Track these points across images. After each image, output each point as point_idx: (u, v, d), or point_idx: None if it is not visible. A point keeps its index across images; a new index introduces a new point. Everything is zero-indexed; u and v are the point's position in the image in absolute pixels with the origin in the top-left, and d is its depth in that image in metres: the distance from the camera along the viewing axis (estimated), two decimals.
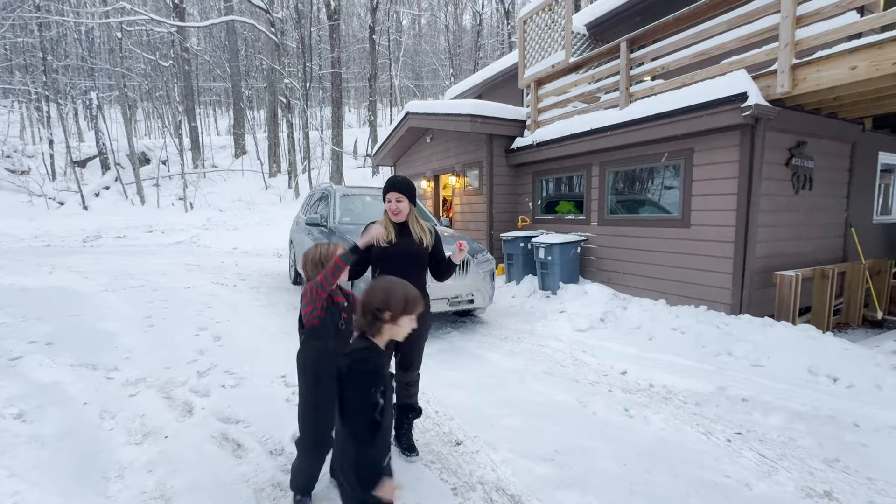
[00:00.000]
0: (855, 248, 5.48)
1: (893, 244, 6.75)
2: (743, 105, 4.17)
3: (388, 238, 2.43)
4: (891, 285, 5.61)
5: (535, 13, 7.10)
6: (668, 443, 2.62)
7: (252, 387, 3.34)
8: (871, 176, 6.04)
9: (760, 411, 2.96)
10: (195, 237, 13.37)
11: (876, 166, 6.09)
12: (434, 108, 7.96)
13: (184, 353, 4.01)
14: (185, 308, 5.64)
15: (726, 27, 4.53)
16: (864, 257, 5.37)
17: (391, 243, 2.43)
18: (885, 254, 6.40)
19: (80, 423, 2.77)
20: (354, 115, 37.49)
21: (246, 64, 30.16)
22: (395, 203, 2.44)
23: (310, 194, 7.62)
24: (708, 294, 4.79)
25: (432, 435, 2.72)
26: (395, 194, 2.44)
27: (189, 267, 8.94)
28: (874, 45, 3.54)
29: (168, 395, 3.19)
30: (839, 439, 2.63)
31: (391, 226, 2.48)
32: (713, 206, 4.74)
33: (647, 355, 4.05)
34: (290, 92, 19.60)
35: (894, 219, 6.79)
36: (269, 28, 18.93)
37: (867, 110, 4.94)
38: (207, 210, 17.33)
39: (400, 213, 2.46)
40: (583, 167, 6.43)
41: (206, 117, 32.78)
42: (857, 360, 3.47)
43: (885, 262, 5.56)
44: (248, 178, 20.82)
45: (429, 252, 2.54)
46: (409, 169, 10.74)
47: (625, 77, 5.53)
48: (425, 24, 36.65)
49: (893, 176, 6.80)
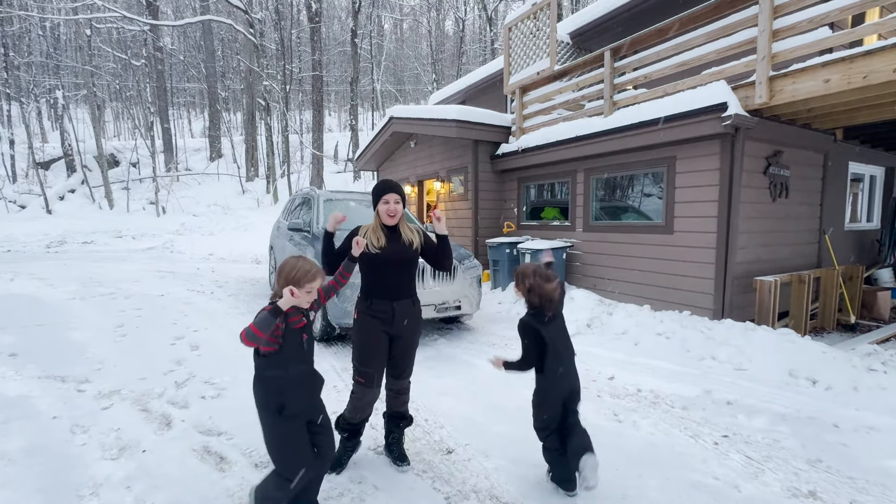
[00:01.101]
0: (829, 255, 5.73)
1: (863, 251, 7.10)
2: (723, 115, 4.33)
3: (378, 244, 2.37)
4: (862, 290, 5.88)
5: (520, 21, 7.24)
6: (658, 447, 2.68)
7: (234, 397, 3.26)
8: (843, 185, 6.35)
9: (745, 414, 3.06)
10: (168, 243, 13.02)
11: (847, 175, 6.41)
12: (419, 112, 8.00)
13: (160, 364, 3.90)
14: (160, 316, 5.48)
15: (706, 39, 4.71)
16: (837, 263, 5.62)
17: (382, 249, 2.37)
18: (855, 260, 6.72)
19: (49, 438, 2.65)
20: (335, 118, 37.29)
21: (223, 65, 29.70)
22: (394, 205, 2.40)
23: (291, 199, 7.53)
24: (691, 299, 4.93)
25: (423, 444, 2.71)
26: (394, 195, 2.40)
27: (162, 274, 8.70)
28: (846, 60, 3.75)
29: (144, 407, 3.08)
30: (821, 440, 2.74)
31: (381, 230, 2.42)
32: (695, 212, 4.89)
33: (634, 360, 4.13)
34: (268, 94, 19.36)
35: (864, 226, 7.15)
36: (247, 28, 18.71)
37: (839, 121, 5.20)
38: (181, 215, 16.90)
39: (396, 215, 2.42)
40: (568, 174, 6.55)
41: (179, 119, 32.07)
42: (835, 362, 3.62)
43: (856, 268, 5.83)
44: (225, 182, 20.41)
45: (419, 252, 2.50)
46: (392, 174, 10.73)
47: (609, 85, 5.68)
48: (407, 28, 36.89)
49: (861, 185, 7.17)
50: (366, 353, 2.34)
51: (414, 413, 3.07)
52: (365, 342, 2.35)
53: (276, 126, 22.49)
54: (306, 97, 30.12)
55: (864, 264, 6.39)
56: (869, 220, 7.34)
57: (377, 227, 2.43)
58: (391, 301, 2.37)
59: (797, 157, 5.31)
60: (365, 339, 2.35)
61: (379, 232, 2.41)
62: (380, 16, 29.86)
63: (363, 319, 2.37)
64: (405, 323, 2.40)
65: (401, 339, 2.42)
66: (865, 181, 7.17)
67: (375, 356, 2.35)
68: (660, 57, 5.14)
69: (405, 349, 2.47)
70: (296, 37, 25.15)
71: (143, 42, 21.02)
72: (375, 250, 2.36)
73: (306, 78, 27.54)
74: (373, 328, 2.35)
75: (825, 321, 5.39)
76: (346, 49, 28.35)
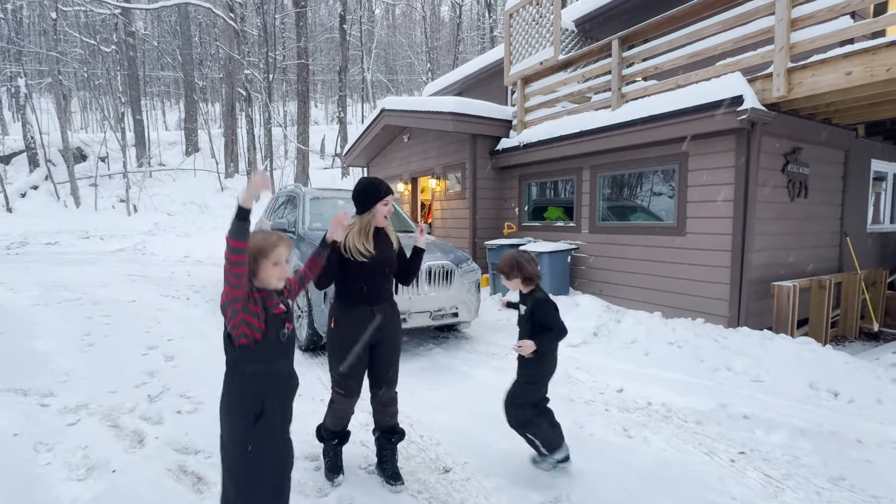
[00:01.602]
0: (850, 258, 5.79)
1: (887, 254, 7.17)
2: (739, 109, 4.37)
3: (367, 251, 2.35)
4: (886, 296, 5.94)
5: (521, 7, 7.28)
6: (670, 464, 2.69)
7: (212, 412, 3.20)
8: (865, 184, 6.42)
9: (763, 429, 3.07)
10: (140, 244, 12.94)
11: (869, 174, 6.48)
12: (412, 104, 8.01)
13: (131, 376, 3.87)
14: (131, 324, 5.44)
15: (720, 28, 4.76)
16: (859, 267, 5.68)
17: (372, 256, 2.36)
18: (878, 264, 6.79)
19: (10, 457, 2.62)
20: (322, 110, 37.25)
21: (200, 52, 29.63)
22: (390, 206, 2.46)
23: (274, 197, 7.51)
24: (705, 306, 4.96)
25: (418, 462, 2.70)
26: (391, 197, 2.46)
27: (133, 277, 8.64)
28: (868, 51, 3.80)
29: (114, 423, 3.06)
30: (843, 456, 2.76)
31: (370, 234, 2.40)
32: (709, 213, 4.93)
33: (644, 371, 4.14)
34: (250, 84, 19.33)
35: (887, 228, 7.23)
36: (227, 13, 18.69)
37: (861, 116, 5.26)
38: (154, 213, 16.81)
39: (387, 216, 2.46)
40: (573, 171, 6.58)
41: (152, 110, 31.92)
42: (858, 373, 3.65)
43: (879, 272, 5.89)
44: (202, 179, 20.32)
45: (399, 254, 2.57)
46: (384, 170, 10.73)
47: (617, 76, 5.72)
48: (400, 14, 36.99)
49: (885, 184, 7.25)
50: (346, 362, 2.36)
51: (408, 429, 3.07)
52: (345, 351, 2.36)
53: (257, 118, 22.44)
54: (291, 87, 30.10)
55: (887, 268, 6.46)
56: (893, 222, 7.42)
57: (368, 232, 2.39)
58: (371, 306, 2.39)
59: (817, 154, 5.37)
60: (345, 347, 2.36)
61: (369, 236, 2.39)
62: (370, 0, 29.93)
63: (342, 327, 2.38)
64: (387, 328, 2.44)
65: (384, 345, 2.45)
66: (889, 180, 7.25)
67: (356, 365, 2.38)
68: (671, 46, 5.19)
69: (389, 355, 2.49)
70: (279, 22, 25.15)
71: (113, 26, 20.94)
72: (363, 258, 2.33)
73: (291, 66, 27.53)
74: (353, 336, 2.36)
75: (847, 329, 5.44)
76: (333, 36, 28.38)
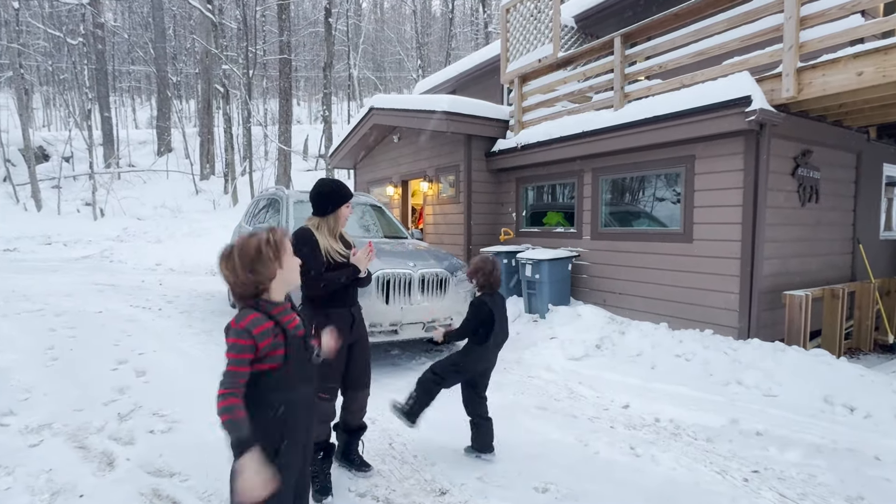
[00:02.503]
0: (863, 266, 5.90)
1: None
2: (747, 109, 4.46)
3: (344, 251, 2.59)
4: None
5: (518, 1, 7.38)
6: (680, 484, 2.70)
7: (189, 431, 3.21)
8: (877, 189, 6.56)
9: (777, 446, 3.10)
10: (107, 250, 12.79)
11: (881, 178, 6.63)
12: (403, 103, 8.06)
13: (99, 392, 3.82)
14: (98, 337, 5.37)
15: (727, 26, 4.87)
16: (872, 276, 5.78)
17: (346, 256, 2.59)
18: (891, 273, 6.92)
19: None
20: (305, 109, 37.28)
21: (174, 45, 29.57)
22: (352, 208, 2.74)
23: (255, 200, 7.49)
24: (713, 316, 5.01)
25: (412, 483, 2.68)
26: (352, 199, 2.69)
27: (101, 287, 8.54)
28: (880, 51, 3.90)
29: (81, 443, 3.01)
30: (861, 474, 2.79)
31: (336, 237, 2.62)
32: (717, 218, 5.00)
33: (651, 386, 4.17)
34: (228, 80, 19.30)
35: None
36: (204, 4, 18.69)
37: (872, 118, 5.39)
38: (123, 218, 16.65)
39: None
40: (573, 174, 6.64)
41: (122, 107, 31.74)
42: (874, 387, 3.71)
43: (894, 281, 6.01)
44: (175, 181, 20.19)
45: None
46: (372, 173, 10.75)
47: (619, 75, 5.81)
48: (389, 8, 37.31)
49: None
50: (329, 366, 2.43)
51: (401, 447, 3.08)
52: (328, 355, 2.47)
53: (236, 116, 22.39)
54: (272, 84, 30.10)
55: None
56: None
57: (335, 234, 2.61)
58: (349, 307, 2.63)
59: (828, 157, 5.49)
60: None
61: (337, 239, 2.62)
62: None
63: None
64: (361, 327, 2.70)
65: (359, 345, 2.68)
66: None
67: (338, 368, 2.57)
68: (676, 45, 5.29)
69: (365, 356, 2.73)
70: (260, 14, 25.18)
71: (80, 17, 20.81)
72: (342, 258, 2.55)
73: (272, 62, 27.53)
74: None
75: (861, 341, 5.53)
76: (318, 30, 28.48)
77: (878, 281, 5.74)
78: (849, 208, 5.96)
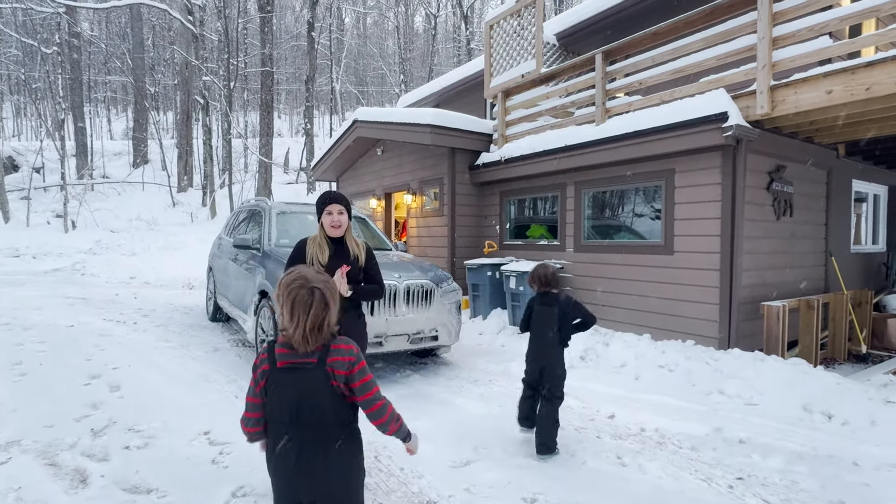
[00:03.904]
0: (836, 278, 6.10)
1: (870, 275, 7.58)
2: (724, 125, 4.62)
3: (323, 259, 2.68)
4: (872, 317, 6.26)
5: (502, 18, 7.55)
6: (667, 492, 2.72)
7: (166, 447, 3.11)
8: (847, 204, 6.82)
9: (760, 453, 3.16)
10: (79, 263, 12.43)
11: (850, 194, 6.90)
12: (388, 115, 8.11)
13: (71, 408, 3.69)
14: (69, 351, 5.21)
15: (703, 45, 5.06)
16: (845, 288, 5.98)
17: (329, 264, 2.66)
18: (862, 284, 7.17)
19: None
20: (286, 122, 37.19)
21: (153, 56, 29.29)
22: (338, 215, 2.73)
23: (235, 212, 7.40)
24: (695, 327, 5.11)
25: (399, 496, 2.65)
26: (337, 206, 2.74)
27: (72, 301, 8.28)
28: (848, 70, 4.10)
29: (52, 460, 2.90)
30: (841, 480, 2.86)
31: (326, 243, 2.75)
32: (697, 230, 5.13)
33: (635, 396, 4.21)
34: (208, 91, 19.17)
35: (869, 249, 7.66)
36: (185, 15, 18.62)
37: (841, 136, 5.63)
38: (96, 230, 16.24)
39: (341, 227, 2.75)
40: (556, 187, 6.75)
41: (97, 117, 31.19)
42: (850, 395, 3.82)
43: (865, 292, 6.22)
44: (151, 193, 19.84)
45: (363, 269, 2.85)
46: (355, 185, 10.74)
47: (601, 91, 5.96)
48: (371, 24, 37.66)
49: (865, 205, 7.72)
50: None
51: (387, 460, 3.03)
52: None
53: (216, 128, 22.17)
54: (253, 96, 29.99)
55: (871, 289, 6.82)
56: (874, 243, 7.88)
57: (322, 241, 2.74)
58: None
59: (800, 172, 5.69)
60: None
61: (324, 245, 2.73)
62: (340, 8, 30.41)
63: None
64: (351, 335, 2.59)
65: None
66: (869, 200, 7.73)
67: None
68: (655, 62, 5.46)
69: None
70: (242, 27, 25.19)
71: (55, 26, 20.49)
72: (319, 266, 2.61)
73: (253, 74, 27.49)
74: None
75: (836, 351, 5.69)
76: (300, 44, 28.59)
77: (850, 292, 5.93)
78: (821, 222, 6.17)
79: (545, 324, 3.20)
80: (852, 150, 6.66)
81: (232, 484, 2.68)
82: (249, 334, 5.06)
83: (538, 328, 3.24)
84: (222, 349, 5.61)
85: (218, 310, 6.89)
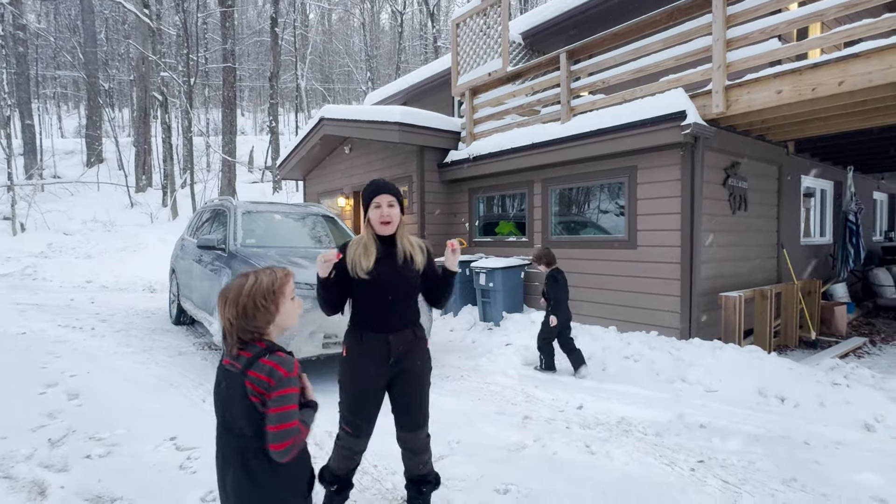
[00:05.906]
0: (787, 269, 6.41)
1: (818, 265, 8.01)
2: (682, 123, 4.79)
3: (367, 265, 2.15)
4: (821, 306, 6.61)
5: (468, 17, 7.58)
6: (634, 477, 2.82)
7: (130, 454, 3.02)
8: (797, 198, 7.18)
9: (719, 437, 3.31)
10: (30, 267, 11.82)
11: (800, 189, 7.26)
12: (355, 113, 8.04)
13: (25, 418, 3.52)
14: (22, 359, 4.97)
15: (662, 45, 5.23)
16: (796, 278, 6.30)
17: (372, 272, 2.15)
18: (811, 275, 7.56)
19: None
20: (250, 120, 36.31)
21: (106, 50, 28.06)
22: (388, 208, 2.19)
23: (198, 212, 7.20)
24: (658, 318, 5.28)
25: (373, 493, 2.65)
26: (388, 197, 2.20)
27: (23, 307, 7.88)
28: (795, 72, 4.32)
29: (7, 473, 2.77)
30: (794, 458, 3.03)
31: (373, 243, 2.21)
32: (658, 225, 5.30)
33: (603, 387, 4.33)
34: (167, 88, 18.51)
35: (817, 241, 8.09)
36: (140, 9, 17.91)
37: (791, 133, 5.92)
38: (47, 233, 15.45)
39: (391, 223, 2.21)
40: (524, 184, 6.85)
41: (46, 114, 29.63)
42: (801, 378, 4.04)
43: (814, 282, 6.57)
44: (107, 193, 19.02)
45: (421, 273, 2.29)
46: (322, 184, 10.60)
47: (566, 90, 6.08)
48: (337, 20, 37.14)
49: (813, 200, 8.14)
50: (354, 398, 2.22)
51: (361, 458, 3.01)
52: (353, 385, 2.22)
53: (176, 126, 21.45)
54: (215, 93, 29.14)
55: (820, 279, 7.21)
56: (822, 235, 8.32)
57: (369, 241, 2.21)
58: (386, 334, 2.19)
59: (754, 168, 5.96)
60: (353, 381, 2.22)
61: (371, 247, 2.19)
62: (304, 3, 29.85)
63: (352, 357, 2.23)
64: (406, 359, 2.24)
65: (403, 379, 2.26)
66: (817, 195, 8.16)
67: (366, 403, 2.22)
68: (617, 62, 5.61)
69: (413, 392, 2.28)
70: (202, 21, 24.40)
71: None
72: (364, 274, 2.14)
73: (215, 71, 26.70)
74: (364, 368, 2.20)
75: (788, 338, 5.99)
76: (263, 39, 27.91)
77: (800, 282, 6.25)
78: (773, 216, 6.48)
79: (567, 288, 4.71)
80: (801, 148, 7.01)
81: (201, 489, 2.62)
82: (216, 337, 4.93)
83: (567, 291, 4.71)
84: (187, 352, 5.46)
85: (182, 312, 6.69)
